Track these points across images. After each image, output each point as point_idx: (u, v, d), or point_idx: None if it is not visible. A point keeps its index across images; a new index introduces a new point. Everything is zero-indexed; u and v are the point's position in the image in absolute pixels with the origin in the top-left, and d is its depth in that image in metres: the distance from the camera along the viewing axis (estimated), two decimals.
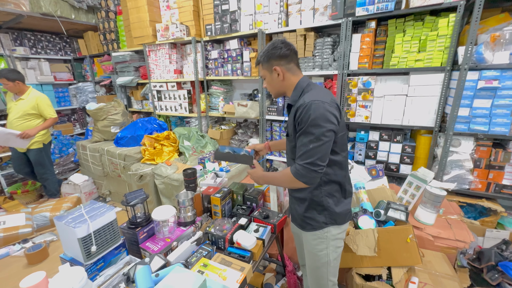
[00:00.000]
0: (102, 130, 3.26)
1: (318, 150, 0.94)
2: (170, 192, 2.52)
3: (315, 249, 1.14)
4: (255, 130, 3.22)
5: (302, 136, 0.98)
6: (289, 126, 1.10)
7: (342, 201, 1.12)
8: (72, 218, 0.94)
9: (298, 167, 0.99)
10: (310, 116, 0.94)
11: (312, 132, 0.94)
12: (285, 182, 1.08)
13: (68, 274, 0.74)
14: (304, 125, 0.96)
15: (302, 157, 0.97)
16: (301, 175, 0.98)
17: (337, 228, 1.12)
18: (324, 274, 1.15)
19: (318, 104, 0.94)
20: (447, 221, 1.68)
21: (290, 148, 1.16)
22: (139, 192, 1.19)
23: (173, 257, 1.07)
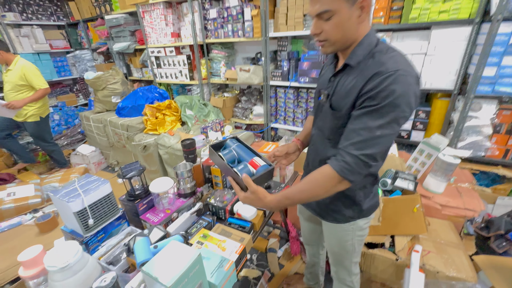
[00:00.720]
0: (103, 101, 3.20)
1: (385, 141, 0.70)
2: (175, 162, 2.53)
3: (339, 239, 1.04)
4: (259, 97, 3.08)
5: (367, 117, 0.69)
6: (339, 96, 0.78)
7: (372, 191, 0.95)
8: (66, 193, 0.92)
9: (350, 160, 0.71)
10: (394, 92, 0.65)
11: (387, 115, 0.67)
12: (323, 188, 0.76)
13: (63, 248, 0.74)
14: (379, 103, 0.67)
15: (360, 145, 0.70)
16: (353, 171, 0.71)
17: (364, 220, 0.98)
18: (348, 259, 1.09)
19: (406, 78, 0.66)
20: (458, 189, 1.62)
21: (330, 125, 0.84)
22: (135, 164, 1.15)
23: (173, 228, 1.06)
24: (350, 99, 0.75)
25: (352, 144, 0.71)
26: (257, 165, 0.87)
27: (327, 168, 0.75)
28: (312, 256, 1.44)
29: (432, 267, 1.20)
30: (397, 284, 1.34)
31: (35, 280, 0.79)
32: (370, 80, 0.69)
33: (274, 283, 1.68)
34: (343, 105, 0.77)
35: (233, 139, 0.99)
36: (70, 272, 0.72)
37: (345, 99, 0.77)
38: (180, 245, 0.78)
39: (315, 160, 0.96)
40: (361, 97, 0.71)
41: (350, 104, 0.75)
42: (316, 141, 0.95)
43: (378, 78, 0.67)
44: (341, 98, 0.78)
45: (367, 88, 0.69)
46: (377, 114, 0.68)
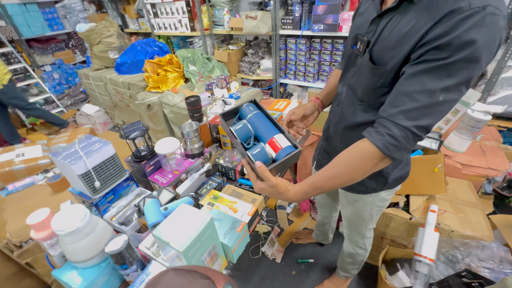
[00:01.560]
0: (100, 56, 3.00)
1: (447, 108, 0.54)
2: (181, 121, 2.45)
3: (356, 208, 0.98)
4: (267, 49, 2.81)
5: (428, 75, 0.51)
6: (386, 45, 0.59)
7: (402, 160, 0.82)
8: (67, 155, 0.87)
9: (397, 133, 0.54)
10: (476, 41, 0.46)
11: (459, 73, 0.50)
12: (360, 169, 0.60)
13: (70, 212, 0.71)
14: (450, 55, 0.48)
15: (414, 114, 0.53)
16: (401, 147, 0.56)
17: (387, 191, 0.89)
18: (364, 226, 1.05)
19: (496, 19, 0.46)
20: (481, 147, 1.52)
21: (366, 83, 0.67)
22: (137, 124, 1.07)
23: (182, 190, 1.03)
24: (403, 49, 0.55)
25: (403, 112, 0.54)
26: (278, 147, 0.67)
27: (364, 144, 0.58)
28: (324, 218, 1.44)
29: (447, 226, 1.18)
30: (406, 241, 1.35)
31: (49, 242, 0.78)
32: (441, 22, 0.48)
33: (284, 238, 1.74)
34: (390, 57, 0.58)
35: (250, 105, 0.77)
36: (80, 235, 0.70)
37: (394, 49, 0.57)
38: (191, 209, 0.74)
39: (339, 125, 0.82)
40: (423, 46, 0.51)
41: (401, 57, 0.56)
42: (344, 102, 0.78)
43: (454, 18, 0.47)
44: (389, 48, 0.58)
45: (435, 34, 0.49)
46: (444, 72, 0.50)
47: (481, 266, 1.12)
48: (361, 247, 1.17)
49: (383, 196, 0.92)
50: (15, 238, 1.19)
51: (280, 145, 0.67)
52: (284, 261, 1.61)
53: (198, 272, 0.50)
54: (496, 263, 1.11)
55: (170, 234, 0.66)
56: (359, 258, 1.22)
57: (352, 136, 0.78)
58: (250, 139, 0.74)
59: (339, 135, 0.84)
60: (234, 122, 0.80)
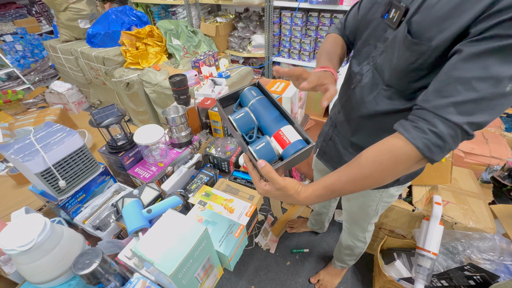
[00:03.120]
0: (68, 26, 2.62)
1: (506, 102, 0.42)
2: (164, 102, 2.23)
3: (361, 203, 0.90)
4: (259, 23, 2.56)
5: (494, 57, 0.40)
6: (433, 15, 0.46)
7: None
8: (19, 148, 0.69)
9: (445, 131, 0.43)
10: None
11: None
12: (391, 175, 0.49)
13: (23, 224, 0.56)
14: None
15: (469, 108, 0.42)
16: (445, 148, 0.45)
17: (398, 188, 0.82)
18: (366, 221, 0.98)
19: None
20: (483, 134, 1.46)
21: (399, 65, 0.54)
22: (111, 108, 0.89)
23: (168, 186, 0.89)
24: (459, 21, 0.43)
25: (455, 105, 0.42)
26: (286, 142, 0.54)
27: (399, 142, 0.47)
28: (322, 207, 1.36)
29: (451, 218, 1.14)
30: (406, 231, 1.31)
31: (1, 258, 0.63)
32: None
33: (277, 227, 1.67)
34: (439, 31, 0.45)
35: (252, 88, 0.64)
36: (39, 253, 0.56)
37: (445, 20, 0.44)
38: (180, 217, 0.61)
39: (354, 112, 0.69)
40: (490, 17, 0.39)
41: (455, 31, 0.43)
42: (365, 85, 0.65)
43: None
44: (438, 18, 0.45)
45: (506, 3, 0.37)
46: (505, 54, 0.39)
47: (482, 258, 1.10)
48: (361, 240, 1.11)
49: (392, 192, 0.85)
50: None
51: (288, 140, 0.55)
52: (278, 252, 1.55)
53: None
54: (497, 255, 1.09)
55: (155, 251, 0.53)
56: (357, 250, 1.17)
57: (369, 126, 0.69)
58: (252, 130, 0.60)
59: (353, 123, 0.73)
60: (233, 109, 0.65)
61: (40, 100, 3.12)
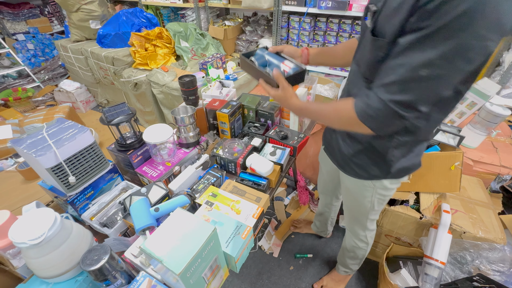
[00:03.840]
0: (80, 26, 2.67)
1: (432, 84, 0.48)
2: (171, 103, 2.25)
3: (356, 194, 0.91)
4: (267, 27, 2.58)
5: (412, 47, 0.47)
6: (387, 14, 0.53)
7: (412, 150, 0.73)
8: (32, 143, 0.70)
9: (374, 104, 0.54)
10: (464, 2, 0.40)
11: (444, 43, 0.44)
12: (338, 122, 0.65)
13: (33, 218, 0.56)
14: (436, 21, 0.43)
15: (392, 88, 0.51)
16: (374, 119, 0.55)
17: (391, 181, 0.82)
18: (365, 215, 0.97)
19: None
20: (493, 144, 1.44)
21: (369, 59, 0.60)
22: (122, 106, 0.90)
23: (176, 186, 0.89)
24: (399, 17, 0.49)
25: (383, 85, 0.53)
26: (288, 66, 0.85)
27: (349, 103, 0.61)
28: (324, 206, 1.35)
29: (459, 227, 1.12)
30: (412, 239, 1.29)
31: (10, 251, 0.64)
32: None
33: (281, 230, 1.66)
34: (389, 27, 0.52)
35: (263, 49, 0.95)
36: (48, 247, 0.56)
37: (393, 18, 0.51)
38: (188, 216, 0.61)
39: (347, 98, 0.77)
40: (416, 12, 0.46)
41: (398, 26, 0.50)
42: (351, 78, 0.75)
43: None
44: (389, 16, 0.52)
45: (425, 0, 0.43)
46: (428, 42, 0.45)
47: (491, 269, 1.08)
48: (363, 240, 1.10)
49: (386, 184, 0.84)
50: None
51: (289, 66, 0.85)
52: (281, 256, 1.54)
53: None
54: (507, 266, 1.06)
55: (163, 249, 0.53)
56: (360, 252, 1.15)
57: None
58: (266, 67, 0.91)
59: None
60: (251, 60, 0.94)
61: (49, 98, 3.17)
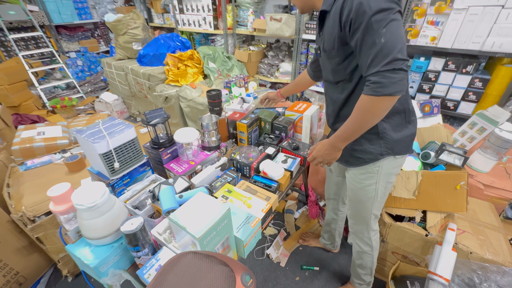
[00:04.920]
0: (124, 47, 3.08)
1: (395, 41, 0.66)
2: (196, 116, 2.47)
3: (361, 183, 0.98)
4: (288, 52, 2.82)
5: (365, 37, 0.69)
6: (327, 39, 0.82)
7: (404, 125, 0.88)
8: (91, 133, 0.88)
9: (376, 78, 0.69)
10: (367, 2, 0.66)
11: (378, 21, 0.66)
12: (366, 114, 0.76)
13: (90, 188, 0.72)
14: (362, 19, 0.67)
15: (376, 61, 0.69)
16: (384, 85, 0.69)
17: (392, 161, 0.92)
18: (368, 208, 1.04)
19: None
20: (506, 170, 1.45)
21: (331, 68, 0.87)
22: (159, 111, 1.08)
23: (197, 180, 1.03)
24: (335, 33, 0.77)
25: (369, 66, 0.71)
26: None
27: (363, 97, 0.75)
28: (332, 212, 1.41)
29: (466, 247, 1.13)
30: (419, 258, 1.29)
31: (65, 216, 0.79)
32: (343, 8, 0.71)
33: (290, 242, 1.71)
34: (331, 42, 0.80)
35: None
36: (97, 212, 0.70)
37: (331, 36, 0.79)
38: (208, 197, 0.73)
39: (334, 112, 0.97)
40: (345, 26, 0.72)
41: (336, 38, 0.78)
42: (329, 92, 0.97)
43: (347, 1, 0.70)
44: (329, 38, 0.81)
45: (345, 16, 0.71)
46: (370, 29, 0.68)
47: None
48: (367, 243, 1.14)
49: (388, 168, 0.93)
50: (30, 212, 1.21)
51: None
52: (288, 266, 1.58)
53: (217, 258, 0.49)
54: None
55: (187, 220, 0.66)
56: (366, 258, 1.18)
57: (346, 110, 0.92)
58: None
59: (337, 116, 0.97)
60: None
61: (89, 107, 3.56)
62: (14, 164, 1.53)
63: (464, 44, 1.71)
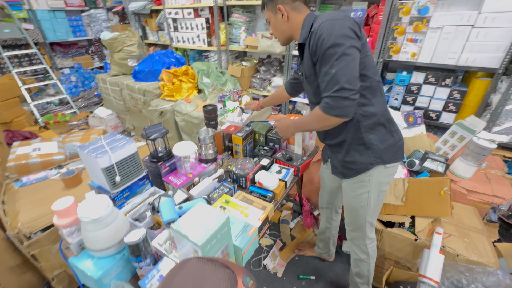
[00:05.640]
0: (119, 63, 3.14)
1: (343, 72, 0.78)
2: (191, 130, 2.52)
3: (355, 192, 1.06)
4: (279, 67, 2.94)
5: (322, 67, 0.84)
6: (306, 67, 0.96)
7: (389, 134, 0.97)
8: (93, 149, 0.92)
9: (327, 100, 0.84)
10: (323, 38, 0.79)
11: (331, 54, 0.79)
12: (316, 122, 0.92)
13: (94, 201, 0.75)
14: (320, 52, 0.81)
15: (328, 87, 0.82)
16: (331, 107, 0.83)
17: (383, 170, 0.98)
18: (362, 215, 1.10)
19: (329, 23, 0.80)
20: (487, 175, 1.54)
21: (312, 91, 1.01)
22: (159, 126, 1.13)
23: (196, 192, 1.07)
24: (309, 63, 0.91)
25: (323, 90, 0.85)
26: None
27: (316, 110, 0.90)
28: (325, 221, 1.46)
29: (453, 249, 1.18)
30: (411, 263, 1.34)
31: (68, 229, 0.81)
32: (310, 41, 0.86)
33: (286, 252, 1.73)
34: (308, 69, 0.94)
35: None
36: (102, 224, 0.73)
37: (308, 64, 0.93)
38: (208, 207, 0.77)
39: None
40: (313, 57, 0.87)
41: (311, 67, 0.91)
42: (311, 104, 1.11)
43: (312, 36, 0.84)
44: (307, 66, 0.94)
45: (311, 48, 0.86)
46: (325, 60, 0.81)
47: None
48: (363, 250, 1.18)
49: (378, 177, 1.00)
50: (26, 229, 1.21)
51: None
52: (285, 276, 1.59)
53: (219, 262, 0.53)
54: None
55: (189, 229, 0.69)
56: (363, 266, 1.22)
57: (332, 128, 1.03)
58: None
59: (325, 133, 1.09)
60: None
61: (82, 122, 3.56)
62: (9, 181, 1.53)
63: (441, 59, 1.85)
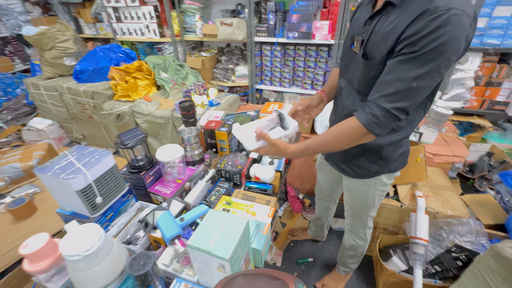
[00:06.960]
0: (53, 63, 2.65)
1: (421, 93, 0.63)
2: (157, 131, 2.30)
3: (360, 193, 1.03)
4: (241, 56, 2.84)
5: (403, 66, 0.61)
6: (375, 41, 0.68)
7: (401, 145, 0.88)
8: (60, 168, 0.74)
9: (378, 113, 0.65)
10: (441, 36, 0.55)
11: (428, 63, 0.59)
12: (346, 141, 0.73)
13: (80, 232, 0.60)
14: (420, 49, 0.58)
15: (392, 98, 0.63)
16: (380, 124, 0.66)
17: (389, 176, 0.96)
18: (366, 212, 1.10)
19: (460, 18, 0.55)
20: (444, 139, 1.75)
21: (361, 77, 0.75)
22: (135, 131, 0.97)
23: (191, 199, 0.96)
24: (387, 44, 0.64)
25: (383, 96, 0.65)
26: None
27: (353, 120, 0.71)
28: (322, 211, 1.47)
29: (432, 209, 1.32)
30: (397, 228, 1.46)
31: (44, 275, 0.65)
32: (415, 21, 0.58)
33: (280, 240, 1.73)
34: (378, 52, 0.67)
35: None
36: (96, 259, 0.60)
37: (381, 45, 0.66)
38: (221, 213, 0.69)
39: (341, 115, 0.90)
40: (401, 42, 0.61)
41: (386, 51, 0.65)
42: (344, 94, 0.88)
43: (424, 18, 0.56)
44: (377, 44, 0.68)
45: (410, 32, 0.59)
46: (415, 63, 0.60)
47: (463, 241, 1.27)
48: (362, 238, 1.23)
49: (384, 180, 0.99)
50: None
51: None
52: (284, 264, 1.60)
53: (266, 274, 0.47)
54: (474, 236, 1.27)
55: (208, 243, 0.61)
56: (359, 250, 1.27)
57: None
58: None
59: None
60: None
61: (13, 139, 2.97)
62: None
63: None
